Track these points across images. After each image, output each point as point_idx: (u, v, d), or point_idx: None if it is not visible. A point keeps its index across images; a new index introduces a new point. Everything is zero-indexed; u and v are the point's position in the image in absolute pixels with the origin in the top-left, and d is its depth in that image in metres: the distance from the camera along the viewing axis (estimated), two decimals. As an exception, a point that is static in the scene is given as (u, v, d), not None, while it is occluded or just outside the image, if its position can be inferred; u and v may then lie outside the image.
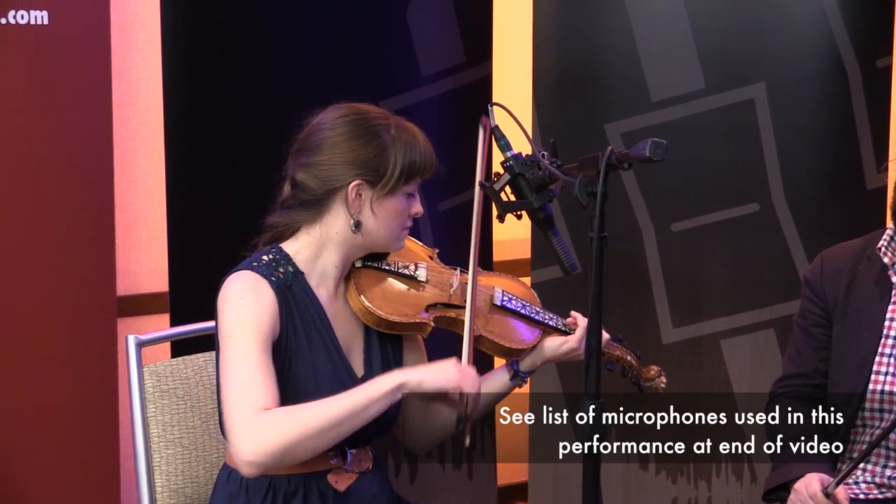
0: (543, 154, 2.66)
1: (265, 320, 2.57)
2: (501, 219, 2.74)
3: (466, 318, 2.67)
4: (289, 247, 2.69)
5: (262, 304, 2.58)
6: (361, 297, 2.69)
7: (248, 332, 2.54)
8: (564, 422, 4.11)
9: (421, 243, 2.87)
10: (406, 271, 2.76)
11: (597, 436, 2.31)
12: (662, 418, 4.08)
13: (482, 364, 2.86)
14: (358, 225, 2.65)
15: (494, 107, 2.76)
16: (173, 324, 3.54)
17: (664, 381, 3.01)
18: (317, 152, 2.65)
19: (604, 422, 2.33)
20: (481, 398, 2.84)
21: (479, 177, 2.71)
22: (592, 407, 2.31)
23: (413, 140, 2.67)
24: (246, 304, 2.57)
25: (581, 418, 2.33)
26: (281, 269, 2.64)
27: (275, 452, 2.44)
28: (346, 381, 2.65)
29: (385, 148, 2.64)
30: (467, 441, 2.64)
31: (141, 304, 4.06)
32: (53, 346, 3.49)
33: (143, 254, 4.11)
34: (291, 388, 2.60)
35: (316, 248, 2.68)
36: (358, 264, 2.73)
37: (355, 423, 2.50)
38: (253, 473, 2.48)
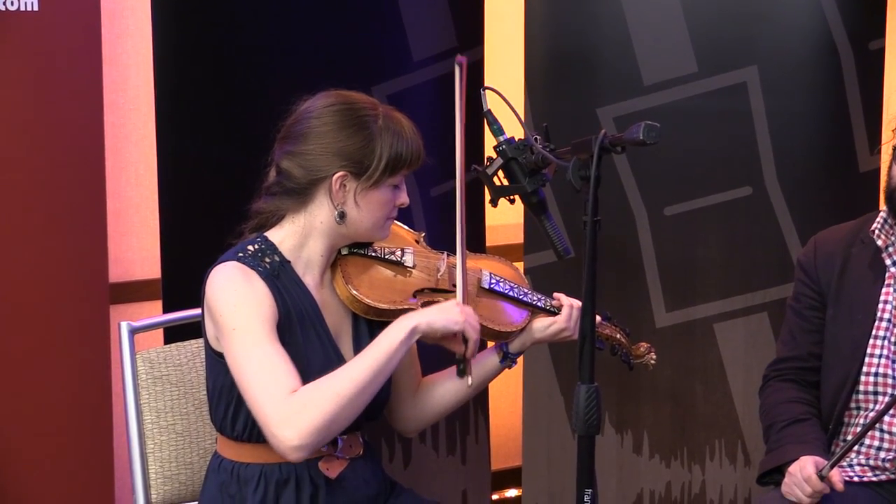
0: (536, 138, 2.65)
1: (266, 307, 2.56)
2: (494, 203, 2.73)
3: (458, 259, 2.68)
4: (274, 235, 2.67)
5: (259, 293, 2.57)
6: (348, 285, 2.67)
7: (251, 320, 2.53)
8: (558, 406, 4.12)
9: (407, 227, 2.85)
10: (392, 257, 2.75)
11: (591, 420, 2.31)
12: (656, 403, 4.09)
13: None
14: (342, 216, 2.63)
15: (487, 91, 2.76)
16: (166, 310, 3.53)
17: (654, 357, 3.02)
18: (302, 141, 2.64)
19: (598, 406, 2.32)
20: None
21: (459, 121, 2.68)
22: (587, 391, 2.30)
23: (400, 131, 2.64)
24: (241, 293, 2.55)
25: (575, 402, 2.32)
26: (267, 259, 2.63)
27: (319, 429, 2.45)
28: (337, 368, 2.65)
29: (371, 140, 2.62)
30: (469, 381, 2.71)
31: (133, 291, 4.05)
32: (46, 334, 3.48)
33: (135, 240, 4.10)
34: None
35: (301, 237, 2.67)
36: (344, 251, 2.72)
37: (381, 380, 2.53)
38: (301, 457, 2.48)
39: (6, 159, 3.40)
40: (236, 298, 2.55)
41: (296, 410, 2.44)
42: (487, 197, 2.73)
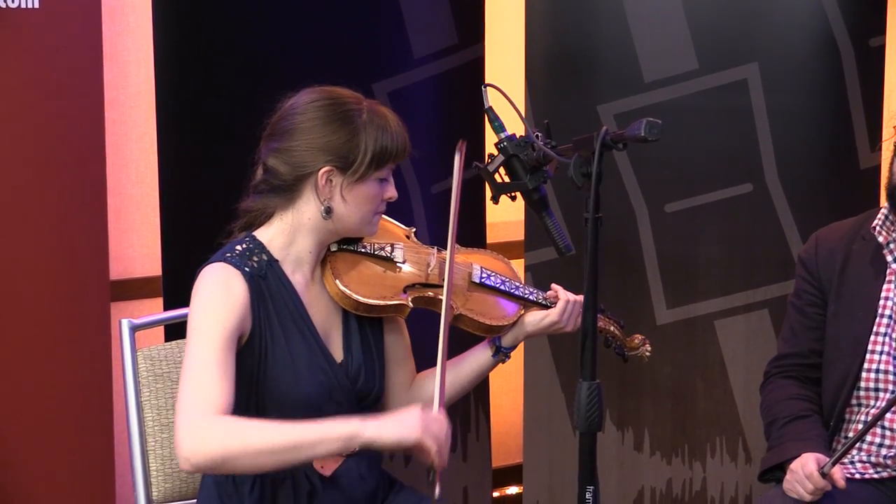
0: (537, 135, 2.65)
1: (233, 316, 2.54)
2: (496, 200, 2.73)
3: (438, 361, 2.59)
4: (262, 234, 2.67)
5: (232, 299, 2.55)
6: (337, 281, 2.67)
7: (212, 328, 2.51)
8: (559, 403, 4.12)
9: (397, 222, 2.85)
10: (382, 252, 2.74)
11: (593, 416, 2.30)
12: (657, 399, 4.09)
13: (466, 340, 2.85)
14: (329, 211, 2.62)
15: (488, 88, 2.75)
16: (166, 308, 3.53)
17: (649, 349, 3.01)
18: (287, 138, 2.63)
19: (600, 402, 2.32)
20: (462, 383, 2.83)
21: (454, 203, 2.65)
22: (588, 388, 2.30)
23: (385, 125, 2.63)
24: (214, 298, 2.54)
25: (577, 399, 2.32)
26: (255, 259, 2.62)
27: (213, 460, 2.40)
28: (326, 367, 2.64)
29: (356, 134, 2.60)
30: (437, 492, 2.51)
31: (134, 288, 4.05)
32: (47, 331, 3.48)
33: (136, 238, 4.10)
34: (271, 379, 2.59)
35: (289, 235, 2.66)
36: (333, 248, 2.71)
37: (301, 455, 2.43)
38: (187, 470, 2.44)
39: (7, 156, 3.40)
40: (207, 301, 2.54)
41: (204, 429, 2.40)
42: (489, 194, 2.73)
